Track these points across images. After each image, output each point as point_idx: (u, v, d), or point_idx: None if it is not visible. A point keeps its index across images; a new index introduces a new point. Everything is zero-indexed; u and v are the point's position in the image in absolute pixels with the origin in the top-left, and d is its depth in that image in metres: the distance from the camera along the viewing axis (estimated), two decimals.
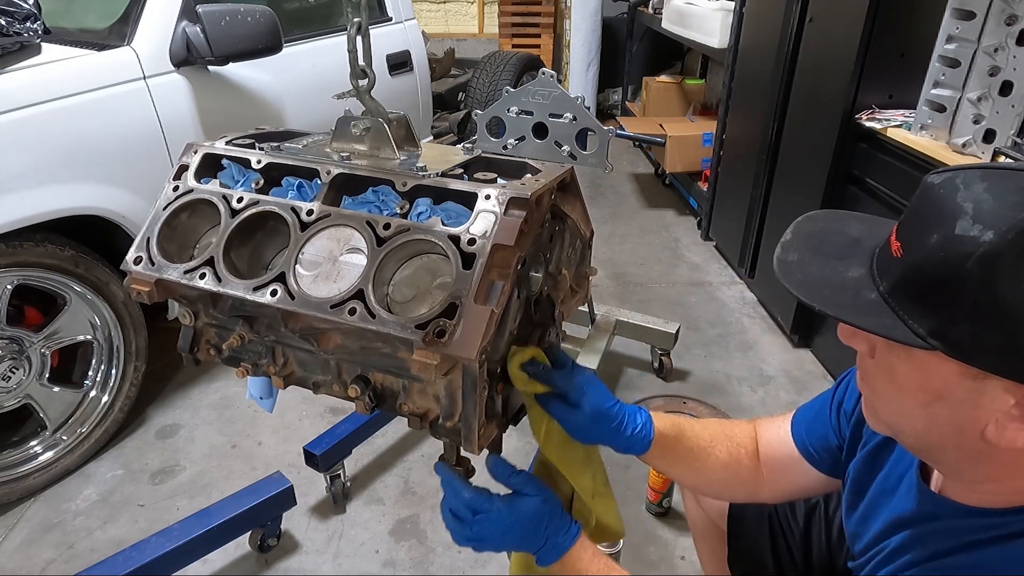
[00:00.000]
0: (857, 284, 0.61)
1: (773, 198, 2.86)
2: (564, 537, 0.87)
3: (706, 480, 1.04)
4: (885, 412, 0.68)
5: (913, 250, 0.57)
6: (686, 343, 2.65)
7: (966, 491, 0.67)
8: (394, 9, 3.01)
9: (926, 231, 0.55)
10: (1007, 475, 0.62)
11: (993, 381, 0.55)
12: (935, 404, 0.59)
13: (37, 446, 1.96)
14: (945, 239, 0.53)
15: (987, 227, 0.51)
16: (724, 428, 1.05)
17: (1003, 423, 0.56)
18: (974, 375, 0.55)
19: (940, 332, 0.54)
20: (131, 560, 1.45)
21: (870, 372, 0.67)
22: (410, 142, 1.03)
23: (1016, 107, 1.69)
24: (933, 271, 0.54)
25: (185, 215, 0.98)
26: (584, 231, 1.04)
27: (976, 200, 0.53)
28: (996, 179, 0.53)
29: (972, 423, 0.58)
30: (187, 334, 1.05)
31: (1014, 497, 0.62)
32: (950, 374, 0.56)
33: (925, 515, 0.71)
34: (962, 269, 0.52)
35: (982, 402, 0.56)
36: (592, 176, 4.42)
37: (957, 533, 0.66)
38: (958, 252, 0.52)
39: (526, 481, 0.89)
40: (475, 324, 0.75)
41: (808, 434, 0.96)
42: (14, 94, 1.71)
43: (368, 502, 1.93)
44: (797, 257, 0.67)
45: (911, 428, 0.64)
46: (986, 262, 0.51)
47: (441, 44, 5.47)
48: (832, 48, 2.35)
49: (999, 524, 0.62)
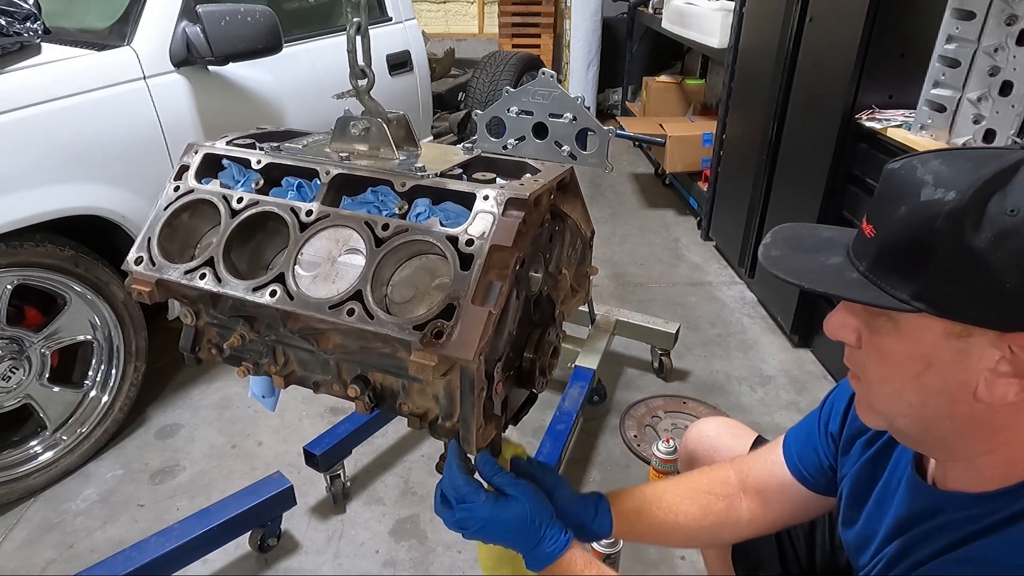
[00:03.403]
0: (838, 268, 0.65)
1: (773, 198, 2.86)
2: (552, 547, 0.88)
3: (684, 537, 1.07)
4: (879, 399, 0.69)
5: (885, 227, 0.61)
6: (686, 343, 2.65)
7: (964, 474, 0.68)
8: (394, 9, 3.01)
9: (894, 207, 0.60)
10: (1002, 442, 0.63)
11: (977, 338, 0.57)
12: (926, 373, 0.61)
13: (37, 446, 1.96)
14: (912, 208, 0.58)
15: (949, 189, 0.56)
16: (691, 481, 1.08)
17: (992, 380, 0.58)
18: (959, 333, 0.58)
19: (922, 294, 0.58)
20: (131, 560, 1.45)
21: (860, 362, 0.69)
22: (410, 142, 1.03)
23: (1016, 107, 1.69)
24: (907, 238, 0.58)
25: (186, 215, 0.98)
26: (584, 231, 1.04)
27: (935, 171, 0.58)
28: (948, 156, 0.59)
29: (963, 387, 0.60)
30: (188, 334, 1.06)
31: (1011, 470, 0.63)
32: (937, 337, 0.59)
33: (925, 513, 0.72)
34: (932, 229, 0.56)
35: (970, 362, 0.59)
36: (592, 176, 4.42)
37: (959, 525, 0.66)
38: (926, 215, 0.56)
39: (508, 482, 0.91)
40: (473, 325, 0.76)
41: (800, 458, 0.98)
42: (14, 94, 1.71)
43: (368, 502, 1.93)
44: (779, 253, 0.70)
45: (905, 407, 0.66)
46: (953, 218, 0.55)
47: (441, 44, 5.47)
48: (832, 48, 2.35)
49: (999, 507, 0.63)
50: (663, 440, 1.83)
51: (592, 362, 2.16)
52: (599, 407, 2.31)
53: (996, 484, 0.64)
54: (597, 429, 2.21)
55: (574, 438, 2.03)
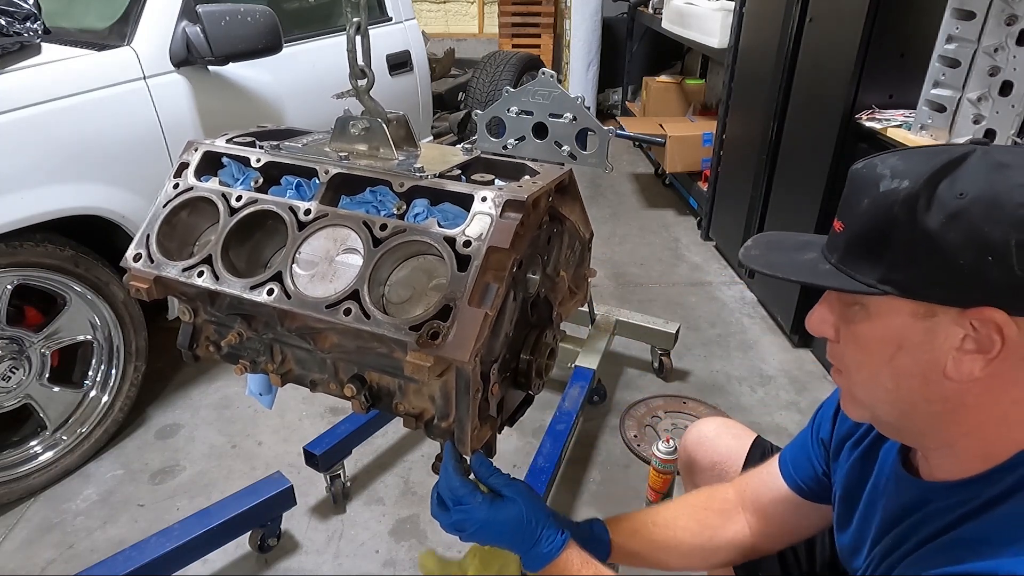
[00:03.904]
0: (812, 262, 0.70)
1: (773, 198, 2.85)
2: (549, 547, 0.88)
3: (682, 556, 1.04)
4: (858, 387, 0.71)
5: (851, 220, 0.66)
6: (686, 343, 2.65)
7: (946, 462, 0.70)
8: (394, 9, 3.01)
9: (858, 201, 0.65)
10: (976, 424, 0.65)
11: (941, 317, 0.61)
12: (898, 355, 0.65)
13: (37, 446, 1.96)
14: (873, 199, 0.63)
15: (904, 179, 0.61)
16: (688, 499, 1.09)
17: (959, 358, 0.61)
18: (924, 314, 0.62)
19: (887, 277, 0.62)
20: (131, 560, 1.45)
21: (840, 354, 0.72)
22: (409, 142, 1.03)
23: (1016, 107, 1.68)
24: (870, 227, 0.63)
25: (185, 213, 0.99)
26: (583, 233, 1.04)
27: (892, 166, 0.63)
28: (905, 152, 0.65)
29: (933, 366, 0.63)
30: (186, 331, 1.06)
31: (988, 452, 0.65)
32: (905, 319, 0.63)
33: (913, 504, 0.73)
34: (890, 216, 0.61)
35: (937, 342, 0.62)
36: (592, 176, 4.42)
37: (945, 512, 0.68)
38: (885, 204, 0.62)
39: (504, 484, 0.91)
40: (469, 326, 0.76)
41: (795, 468, 0.99)
42: (14, 94, 1.71)
43: (368, 502, 1.93)
44: (758, 252, 0.76)
45: (883, 392, 0.68)
46: (908, 204, 0.60)
47: (441, 44, 5.47)
48: (832, 48, 2.35)
49: (981, 490, 0.65)
50: (663, 440, 1.83)
51: (592, 362, 2.16)
52: (599, 407, 2.31)
53: (976, 469, 0.66)
54: (597, 429, 2.21)
55: (574, 438, 2.03)
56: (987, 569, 0.58)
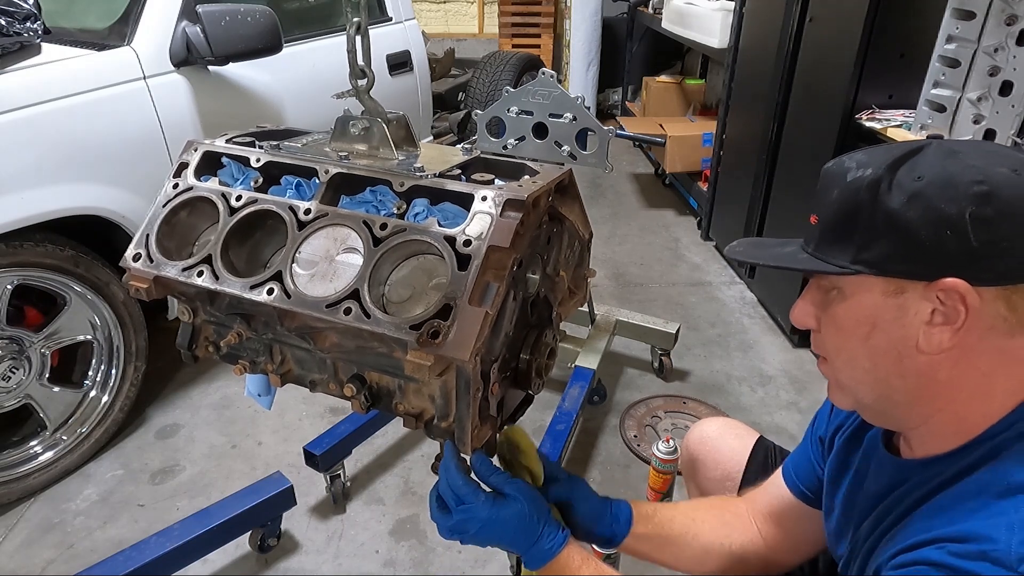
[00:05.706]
0: (791, 252, 0.76)
1: (773, 198, 2.85)
2: (550, 543, 0.88)
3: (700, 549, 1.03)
4: (840, 371, 0.75)
5: (823, 211, 0.72)
6: (686, 343, 2.65)
7: (924, 441, 0.73)
8: (394, 9, 3.02)
9: (829, 193, 0.71)
10: (950, 399, 0.68)
11: (911, 293, 0.65)
12: (873, 334, 0.69)
13: (37, 446, 1.96)
14: (841, 189, 0.69)
15: (867, 167, 0.67)
16: (705, 501, 1.12)
17: (928, 332, 0.65)
18: (894, 291, 0.66)
19: (857, 257, 0.67)
20: (131, 560, 1.45)
21: (822, 342, 0.76)
22: (409, 142, 1.03)
23: (1016, 107, 1.68)
24: (840, 214, 0.69)
25: (184, 212, 0.98)
26: (583, 233, 1.04)
27: (858, 159, 0.70)
28: (869, 148, 0.71)
29: (906, 341, 0.67)
30: (186, 331, 1.05)
31: (963, 427, 0.69)
32: (876, 297, 0.67)
33: (894, 483, 0.76)
34: (856, 200, 0.67)
35: (908, 318, 0.66)
36: (592, 176, 4.42)
37: (922, 485, 0.71)
38: (851, 190, 0.68)
39: (505, 482, 0.91)
40: (469, 326, 0.75)
41: (797, 473, 1.00)
42: (14, 94, 1.71)
43: (368, 502, 1.93)
44: (742, 249, 0.82)
45: (861, 373, 0.72)
46: (871, 188, 0.66)
47: (441, 44, 5.48)
48: (832, 48, 2.35)
49: (957, 461, 0.68)
50: (663, 440, 1.83)
51: (592, 362, 2.16)
52: (599, 407, 2.31)
53: (952, 444, 0.69)
54: (597, 429, 2.21)
55: (574, 438, 2.03)
56: (957, 533, 0.61)
